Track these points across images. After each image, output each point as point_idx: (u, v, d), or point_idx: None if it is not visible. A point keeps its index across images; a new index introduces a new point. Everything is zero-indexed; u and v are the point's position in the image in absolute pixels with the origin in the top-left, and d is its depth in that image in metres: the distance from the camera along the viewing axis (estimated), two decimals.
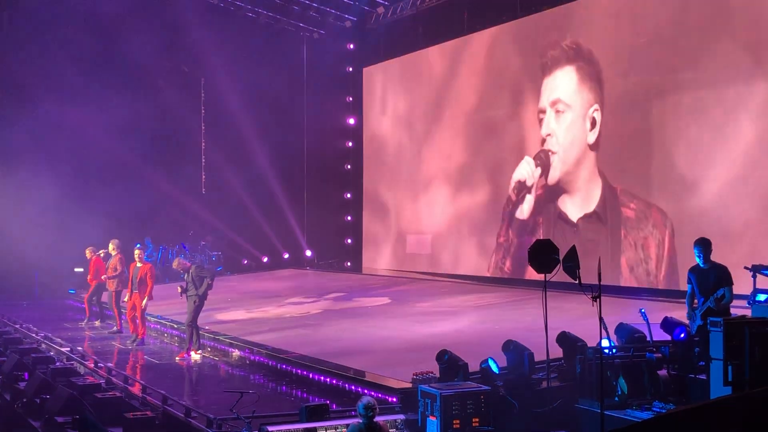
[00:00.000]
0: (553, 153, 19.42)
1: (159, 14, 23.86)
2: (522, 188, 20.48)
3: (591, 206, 18.47)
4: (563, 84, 19.18)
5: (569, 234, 18.64)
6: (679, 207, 16.47)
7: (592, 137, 18.40)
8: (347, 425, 8.44)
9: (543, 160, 19.74)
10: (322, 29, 27.40)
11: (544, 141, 19.67)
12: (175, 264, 14.54)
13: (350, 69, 27.44)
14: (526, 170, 20.31)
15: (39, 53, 23.32)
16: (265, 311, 18.09)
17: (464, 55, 22.26)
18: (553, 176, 19.47)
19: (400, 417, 9.33)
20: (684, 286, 16.06)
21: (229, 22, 25.64)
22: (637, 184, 17.38)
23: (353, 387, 10.70)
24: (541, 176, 19.85)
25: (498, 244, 21.27)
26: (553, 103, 19.40)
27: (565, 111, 19.07)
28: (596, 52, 18.38)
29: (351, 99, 27.40)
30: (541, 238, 19.14)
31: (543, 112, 19.67)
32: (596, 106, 18.26)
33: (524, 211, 20.43)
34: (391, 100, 25.40)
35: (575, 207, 18.93)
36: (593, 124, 18.35)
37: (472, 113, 21.94)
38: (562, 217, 19.22)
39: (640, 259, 17.21)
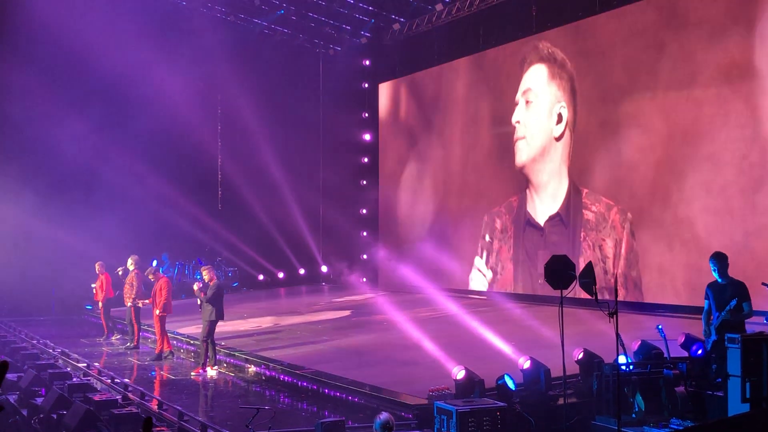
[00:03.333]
0: (521, 138, 20.60)
1: (175, 31, 24.02)
2: None
3: (556, 207, 19.53)
4: (535, 77, 20.24)
5: (536, 237, 20.02)
6: (642, 209, 17.15)
7: (557, 131, 19.45)
8: None
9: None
10: (338, 46, 27.52)
11: (514, 129, 20.79)
12: (204, 270, 14.50)
13: (366, 85, 27.52)
14: None
15: (52, 68, 23.41)
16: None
17: (480, 71, 22.28)
18: (520, 160, 20.66)
19: None
20: (641, 295, 16.59)
21: (245, 39, 25.79)
22: (602, 185, 18.20)
23: (369, 403, 10.68)
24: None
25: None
26: (525, 92, 20.47)
27: (534, 101, 20.20)
28: (570, 62, 19.24)
29: (367, 115, 27.45)
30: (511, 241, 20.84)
31: (517, 103, 20.74)
32: (563, 103, 19.30)
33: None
34: (406, 116, 25.42)
35: (543, 208, 19.92)
36: (559, 118, 19.39)
37: (490, 128, 21.92)
38: (530, 222, 20.29)
39: (598, 258, 17.85)
